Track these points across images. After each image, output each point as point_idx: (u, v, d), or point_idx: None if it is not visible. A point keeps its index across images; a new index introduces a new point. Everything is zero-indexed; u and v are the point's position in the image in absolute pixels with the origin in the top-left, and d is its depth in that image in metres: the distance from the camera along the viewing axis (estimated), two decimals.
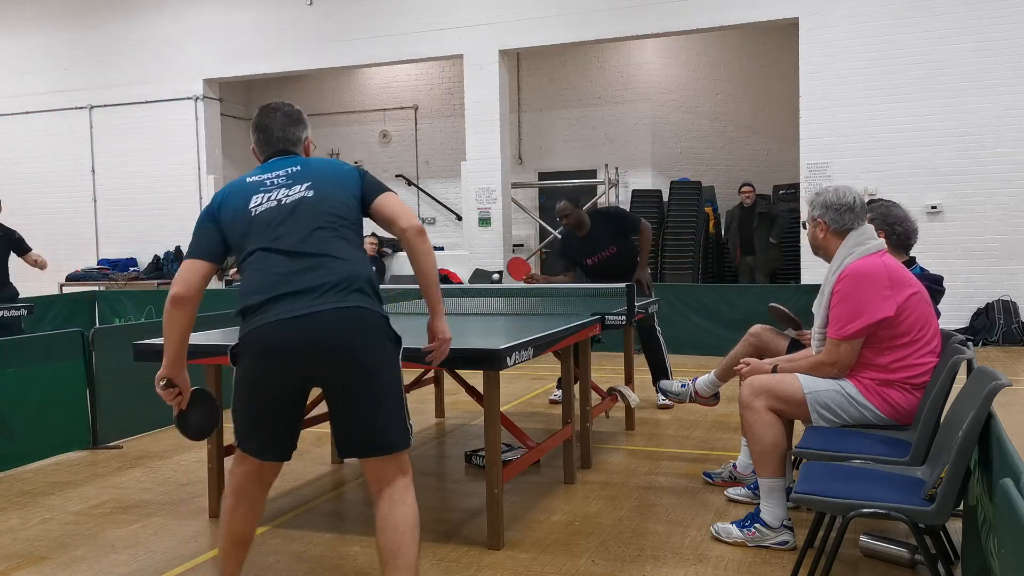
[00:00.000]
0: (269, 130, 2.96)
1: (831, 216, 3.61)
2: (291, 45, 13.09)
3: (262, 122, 2.98)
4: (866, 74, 10.39)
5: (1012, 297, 9.84)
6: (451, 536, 3.85)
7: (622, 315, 4.89)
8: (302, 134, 3.01)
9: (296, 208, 2.72)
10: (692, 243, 12.25)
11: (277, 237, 2.68)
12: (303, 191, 2.76)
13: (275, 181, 2.80)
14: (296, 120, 2.99)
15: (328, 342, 2.58)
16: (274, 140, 2.95)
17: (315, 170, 2.84)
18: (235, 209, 2.77)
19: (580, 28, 11.63)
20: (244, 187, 2.82)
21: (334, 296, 2.60)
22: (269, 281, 2.63)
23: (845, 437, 3.44)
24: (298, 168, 2.84)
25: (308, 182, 2.79)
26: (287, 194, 2.75)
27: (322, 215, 2.72)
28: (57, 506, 4.43)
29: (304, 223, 2.69)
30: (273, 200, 2.75)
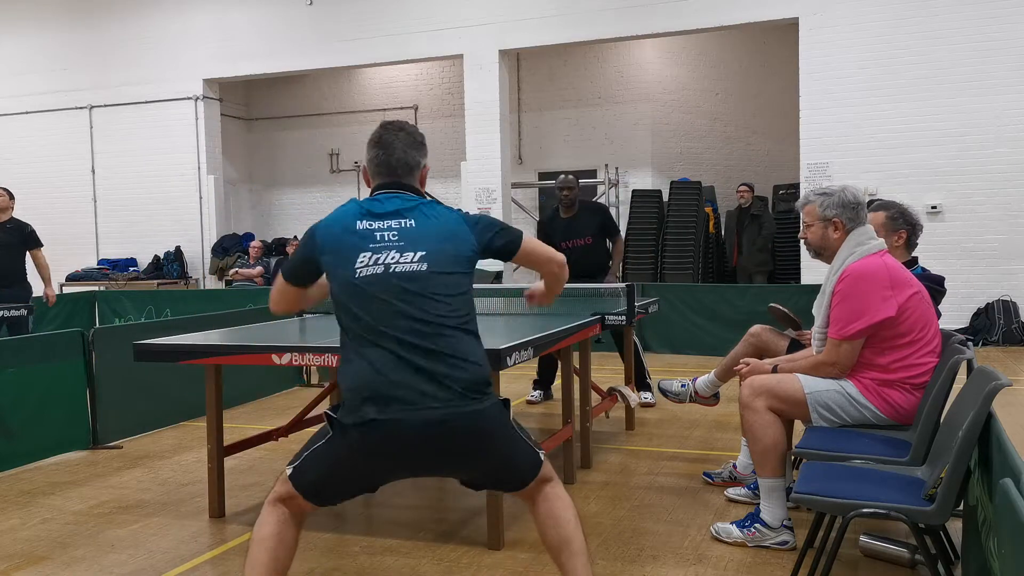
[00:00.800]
0: (391, 149, 2.76)
1: (848, 215, 3.60)
2: (291, 45, 13.09)
3: (384, 139, 2.79)
4: (866, 74, 10.39)
5: (1012, 297, 9.85)
6: (451, 536, 3.85)
7: (622, 315, 4.89)
8: (422, 160, 2.82)
9: (405, 283, 2.53)
10: (692, 243, 12.25)
11: (385, 320, 2.50)
12: (415, 263, 2.55)
13: (386, 237, 2.59)
14: (419, 144, 2.82)
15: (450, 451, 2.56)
16: (393, 162, 2.76)
17: (429, 233, 2.62)
18: (339, 260, 2.58)
19: (580, 28, 11.63)
20: (353, 234, 2.60)
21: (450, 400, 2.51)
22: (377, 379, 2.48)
23: (845, 437, 3.44)
24: (412, 224, 2.62)
25: (422, 251, 2.57)
26: (397, 260, 2.55)
27: (431, 296, 2.54)
28: (57, 506, 4.43)
29: (413, 306, 2.51)
30: (380, 265, 2.54)
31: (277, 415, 6.31)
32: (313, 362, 3.69)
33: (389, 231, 2.60)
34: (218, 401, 4.19)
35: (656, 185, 13.46)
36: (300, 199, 15.78)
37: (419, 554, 3.61)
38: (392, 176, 2.76)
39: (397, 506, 4.35)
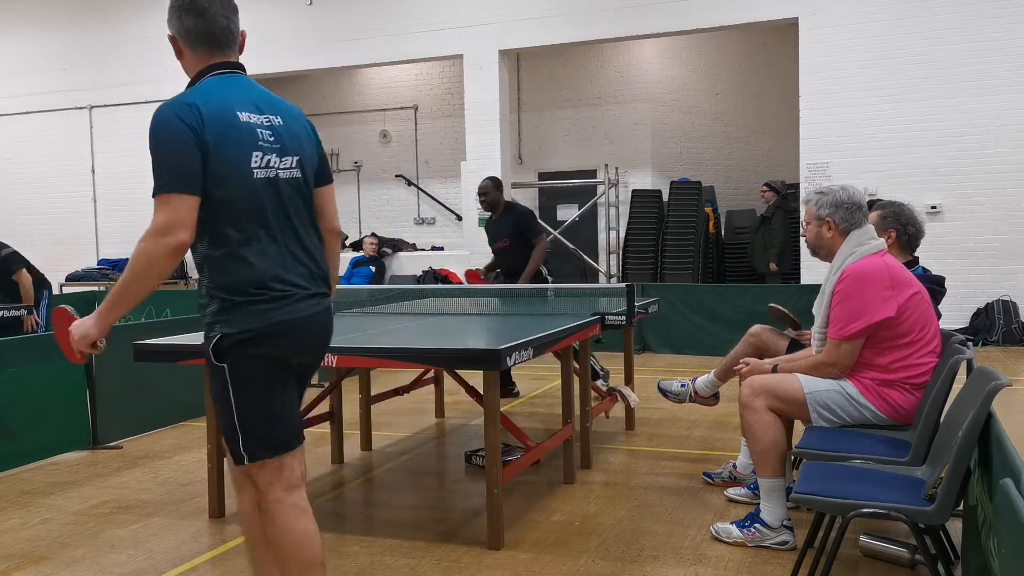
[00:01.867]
0: (207, 16, 2.50)
1: (841, 215, 3.61)
2: (291, 45, 13.09)
3: (199, 4, 2.49)
4: (866, 74, 10.39)
5: (1012, 297, 9.84)
6: (451, 536, 3.85)
7: (622, 315, 4.89)
8: (239, 27, 2.61)
9: (292, 191, 2.53)
10: (692, 243, 12.25)
11: (273, 219, 2.48)
12: (294, 169, 2.54)
13: (266, 137, 2.49)
14: (235, 8, 2.58)
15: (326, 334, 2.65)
16: (217, 33, 2.52)
17: (296, 137, 2.58)
18: (232, 156, 2.41)
19: (580, 28, 11.63)
20: (240, 128, 2.44)
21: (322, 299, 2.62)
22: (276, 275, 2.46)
23: (845, 437, 3.44)
24: (280, 121, 2.54)
25: (296, 155, 2.55)
26: (279, 166, 2.50)
27: (305, 205, 2.59)
28: (57, 506, 4.43)
29: (300, 214, 2.56)
30: (272, 170, 2.48)
31: None
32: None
33: (265, 128, 2.50)
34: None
35: (656, 185, 13.45)
36: None
37: (419, 554, 3.61)
38: (218, 48, 2.54)
39: (397, 506, 4.35)
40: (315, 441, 5.69)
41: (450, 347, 3.94)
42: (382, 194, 15.21)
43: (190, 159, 2.34)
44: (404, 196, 15.05)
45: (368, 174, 15.29)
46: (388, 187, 15.18)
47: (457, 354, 3.82)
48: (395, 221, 15.03)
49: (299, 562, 2.50)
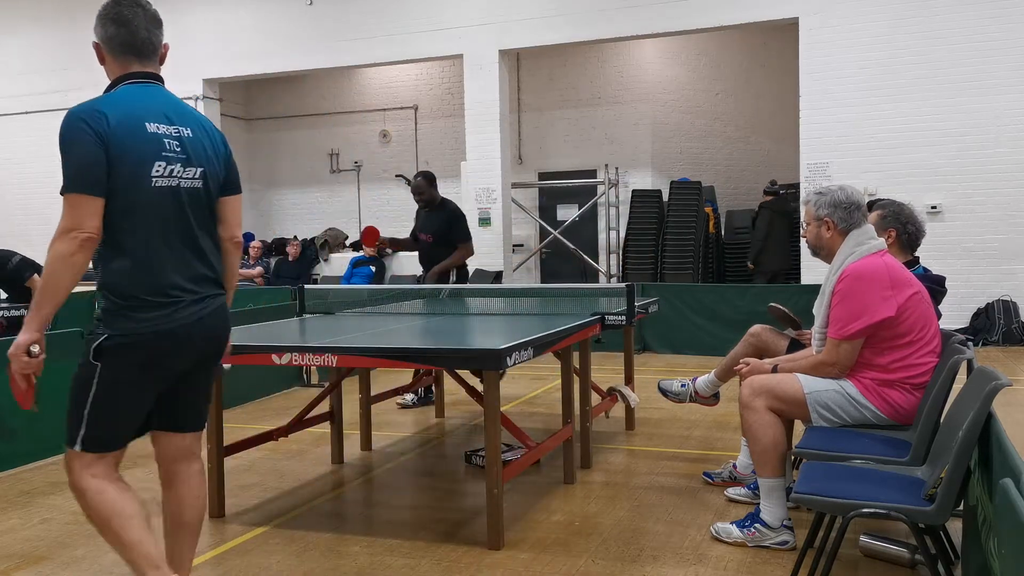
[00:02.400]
0: (133, 28, 2.62)
1: (840, 215, 3.61)
2: (291, 45, 13.09)
3: (123, 15, 2.61)
4: (866, 74, 10.39)
5: (1012, 297, 9.84)
6: (451, 536, 3.85)
7: (622, 315, 4.89)
8: (162, 39, 2.75)
9: (193, 200, 2.65)
10: (692, 243, 12.25)
11: (175, 230, 2.61)
12: (196, 180, 2.65)
13: (173, 148, 2.59)
14: (159, 22, 2.72)
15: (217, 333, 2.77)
16: (138, 44, 2.64)
17: (203, 149, 2.68)
18: (135, 165, 2.52)
19: (580, 28, 11.63)
20: (145, 138, 2.54)
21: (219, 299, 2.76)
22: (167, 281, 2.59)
23: (845, 437, 3.44)
24: (189, 133, 2.65)
25: (200, 167, 2.66)
26: (182, 174, 2.61)
27: (206, 214, 2.71)
28: (57, 506, 4.43)
29: (199, 222, 2.68)
30: (174, 179, 2.59)
31: (277, 415, 6.31)
32: (313, 362, 3.69)
33: (172, 139, 2.61)
34: (218, 401, 4.20)
35: (656, 185, 13.45)
36: (300, 199, 15.77)
37: (419, 554, 3.61)
38: (139, 58, 2.66)
39: (397, 506, 4.35)
40: (315, 441, 5.69)
41: (450, 347, 3.94)
42: (382, 194, 15.21)
43: (95, 162, 2.47)
44: (404, 196, 15.01)
45: (368, 174, 15.29)
46: (388, 187, 15.17)
47: (457, 354, 3.82)
48: (395, 221, 15.03)
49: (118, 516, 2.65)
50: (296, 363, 3.71)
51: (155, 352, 2.60)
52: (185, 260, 2.64)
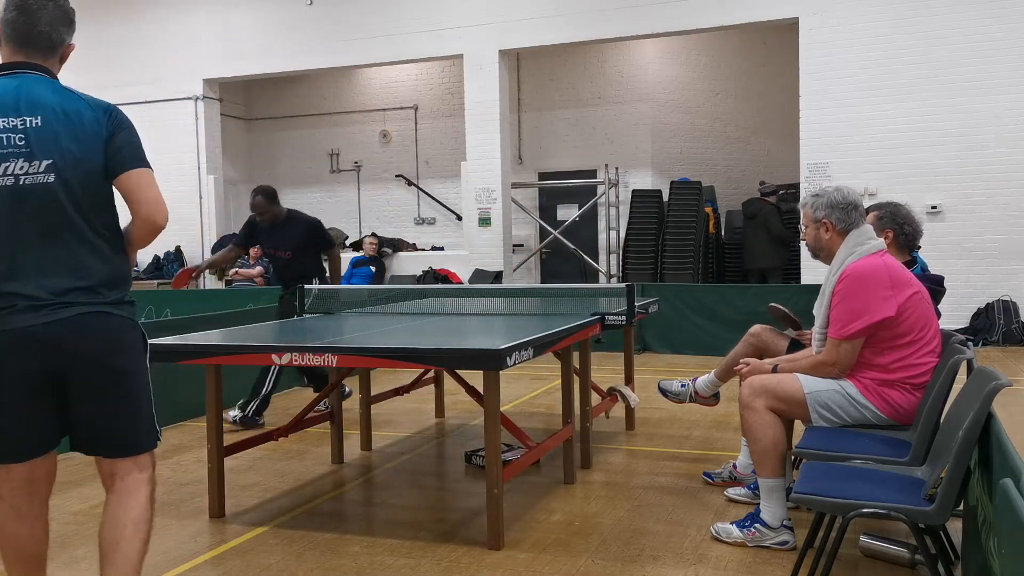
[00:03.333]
0: (32, 17, 2.49)
1: (837, 215, 3.62)
2: (291, 45, 13.09)
3: (28, 5, 2.49)
4: (866, 74, 10.39)
5: (1012, 297, 9.84)
6: (451, 536, 3.85)
7: (622, 315, 4.89)
8: (67, 38, 2.59)
9: (43, 197, 2.42)
10: (692, 243, 12.25)
11: (13, 228, 2.42)
12: (43, 174, 2.42)
13: (12, 141, 2.41)
14: (69, 20, 2.57)
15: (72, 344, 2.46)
16: (34, 35, 2.50)
17: (54, 137, 2.43)
18: None
19: (580, 28, 11.63)
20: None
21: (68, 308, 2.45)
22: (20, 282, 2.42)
23: (845, 437, 3.44)
24: (39, 122, 2.42)
25: (49, 159, 2.42)
26: (26, 170, 2.41)
27: (61, 212, 2.45)
28: (57, 506, 4.42)
29: (53, 221, 2.44)
30: (10, 176, 2.41)
31: (277, 415, 6.31)
32: (313, 362, 3.69)
33: (16, 134, 2.42)
34: (218, 401, 4.20)
35: (656, 185, 13.45)
36: (300, 199, 15.76)
37: (419, 554, 3.61)
38: (28, 49, 2.52)
39: (397, 506, 4.35)
40: (315, 441, 5.69)
41: (450, 347, 3.94)
42: (382, 194, 15.22)
43: None
44: (404, 196, 15.05)
45: (368, 174, 15.29)
46: (388, 187, 15.18)
47: (457, 354, 3.82)
48: (395, 221, 15.03)
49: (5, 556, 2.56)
50: (296, 363, 3.71)
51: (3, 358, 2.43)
52: (30, 265, 2.42)
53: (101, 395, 2.53)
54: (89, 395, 2.53)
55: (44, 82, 2.51)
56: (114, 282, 2.55)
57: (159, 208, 2.59)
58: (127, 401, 2.57)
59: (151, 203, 2.58)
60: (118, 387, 2.54)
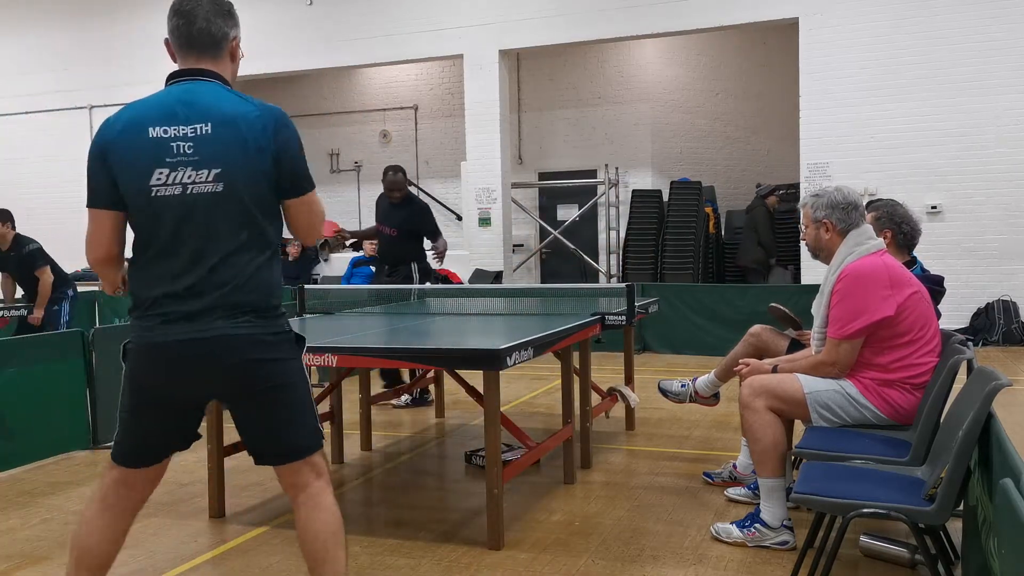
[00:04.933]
0: (189, 18, 2.48)
1: (838, 216, 3.62)
2: (291, 45, 13.09)
3: (184, 6, 2.49)
4: (866, 74, 10.39)
5: (1012, 297, 9.84)
6: (451, 536, 3.85)
7: (622, 315, 4.89)
8: (230, 31, 2.53)
9: (201, 205, 2.38)
10: (692, 243, 12.26)
11: (176, 235, 2.40)
12: (211, 182, 2.38)
13: (182, 150, 2.37)
14: (226, 12, 2.53)
15: (217, 366, 2.43)
16: (194, 33, 2.48)
17: (227, 144, 2.38)
18: (133, 172, 2.40)
19: (580, 28, 11.63)
20: (143, 146, 2.39)
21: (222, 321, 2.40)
22: (161, 286, 2.43)
23: (845, 437, 3.44)
24: (208, 130, 2.38)
25: (218, 168, 2.37)
26: (193, 178, 2.37)
27: (227, 219, 2.40)
28: (57, 506, 4.43)
29: (206, 228, 2.39)
30: (177, 185, 2.38)
31: None
32: (313, 362, 3.69)
33: (185, 143, 2.38)
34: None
35: (656, 185, 13.46)
36: None
37: (419, 554, 3.61)
38: (194, 51, 2.50)
39: (397, 506, 4.35)
40: None
41: (450, 347, 3.94)
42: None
43: (97, 175, 2.45)
44: None
45: (368, 174, 15.28)
46: None
47: (457, 354, 3.82)
48: None
49: (73, 548, 2.58)
50: None
51: (134, 365, 2.49)
52: (183, 274, 2.40)
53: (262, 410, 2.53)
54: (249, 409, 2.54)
55: (213, 88, 2.47)
56: (276, 293, 2.53)
57: (311, 237, 2.61)
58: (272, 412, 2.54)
59: (307, 234, 2.59)
60: (271, 400, 2.52)
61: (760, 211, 11.27)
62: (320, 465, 2.57)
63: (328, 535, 2.51)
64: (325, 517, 2.52)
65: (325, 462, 2.61)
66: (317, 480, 2.54)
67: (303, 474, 2.53)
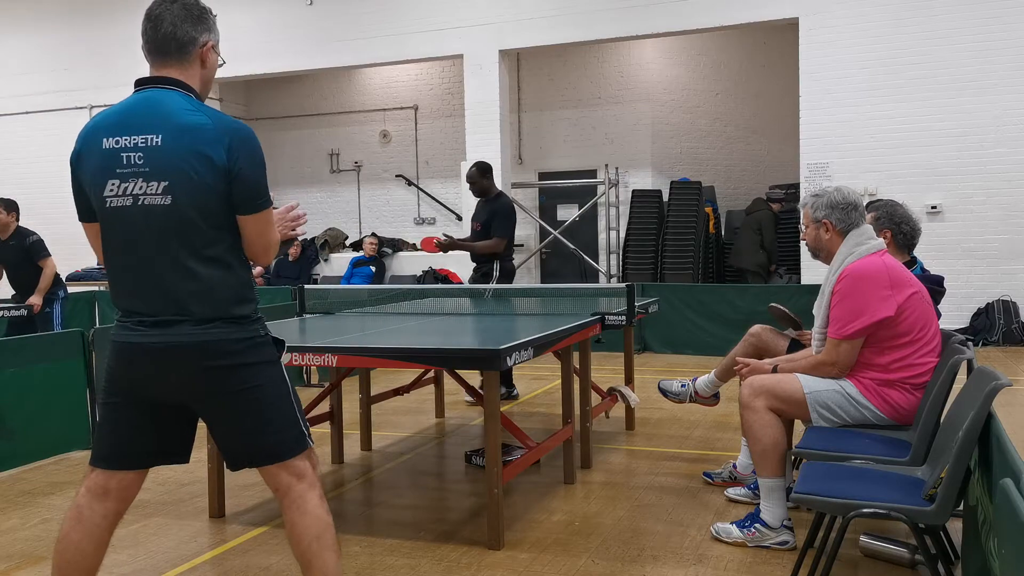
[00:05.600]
0: (156, 22, 2.46)
1: (837, 216, 3.62)
2: (291, 45, 13.09)
3: (153, 11, 2.47)
4: (866, 74, 10.39)
5: (1012, 297, 9.84)
6: (451, 536, 3.85)
7: (622, 315, 4.89)
8: (199, 36, 2.51)
9: (150, 217, 2.38)
10: (692, 243, 12.26)
11: (129, 245, 2.43)
12: (160, 195, 2.36)
13: (132, 161, 2.37)
14: (196, 17, 2.51)
15: (185, 370, 2.43)
16: (159, 38, 2.46)
17: (176, 156, 2.35)
18: (92, 183, 2.45)
19: (580, 28, 11.63)
20: (101, 153, 2.41)
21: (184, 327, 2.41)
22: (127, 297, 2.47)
23: (845, 437, 3.44)
24: (159, 142, 2.35)
25: (166, 180, 2.35)
26: (144, 190, 2.37)
27: (176, 231, 2.38)
28: (57, 506, 4.43)
29: (158, 239, 2.39)
30: (128, 196, 2.39)
31: None
32: (313, 362, 3.69)
33: (136, 154, 2.37)
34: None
35: (656, 185, 13.45)
36: (300, 199, 15.76)
37: (419, 554, 3.61)
38: (160, 56, 2.48)
39: (397, 506, 4.35)
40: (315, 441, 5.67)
41: (450, 347, 3.94)
42: (382, 194, 15.21)
43: (73, 187, 2.55)
44: (404, 196, 15.05)
45: (368, 174, 15.28)
46: (388, 187, 15.18)
47: (457, 354, 3.82)
48: (395, 221, 15.03)
49: (55, 564, 2.53)
50: (296, 363, 3.71)
51: (113, 367, 2.50)
52: (148, 282, 2.42)
53: (228, 415, 2.52)
54: (217, 414, 2.53)
55: (171, 97, 2.44)
56: (242, 300, 2.49)
57: (266, 255, 2.54)
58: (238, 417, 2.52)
59: (263, 252, 2.53)
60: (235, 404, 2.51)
61: (765, 214, 11.24)
62: (300, 468, 2.54)
63: (311, 539, 2.49)
64: (307, 521, 2.50)
65: (310, 464, 2.58)
66: (299, 483, 2.52)
67: (281, 478, 2.52)
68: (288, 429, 2.54)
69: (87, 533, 2.52)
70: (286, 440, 2.53)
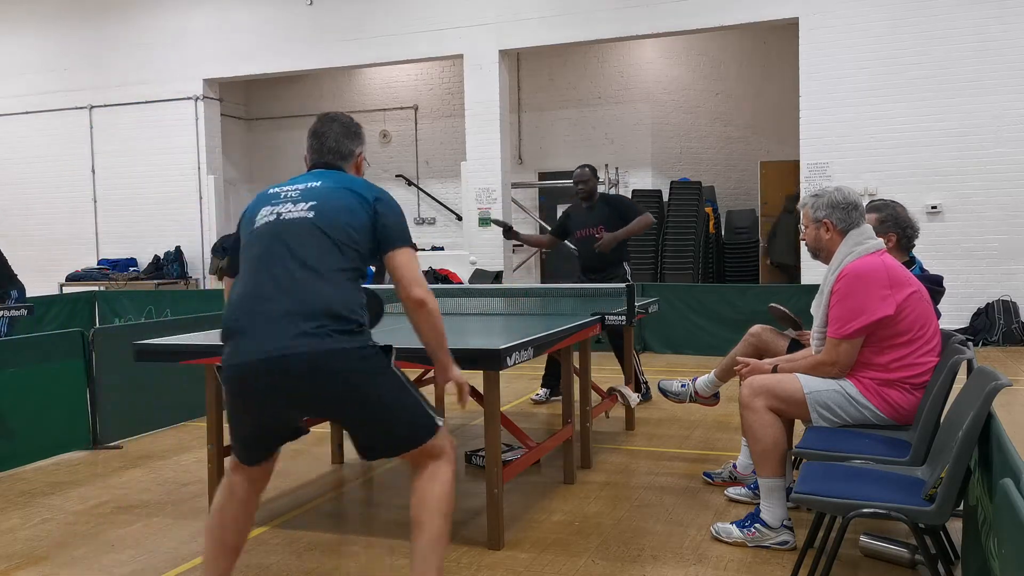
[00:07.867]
0: (323, 139, 2.96)
1: (838, 216, 3.62)
2: (291, 45, 13.09)
3: (319, 129, 2.98)
4: (866, 74, 10.39)
5: (1012, 297, 9.84)
6: (451, 536, 3.84)
7: (622, 315, 4.89)
8: (355, 148, 3.01)
9: (297, 227, 2.68)
10: (692, 243, 12.26)
11: (263, 255, 2.68)
12: (305, 211, 2.70)
13: (289, 194, 2.77)
14: (352, 134, 3.00)
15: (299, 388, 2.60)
16: (324, 150, 2.96)
17: (331, 190, 2.75)
18: (248, 220, 2.83)
19: (580, 28, 11.63)
20: (264, 197, 2.85)
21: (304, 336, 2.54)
22: (247, 305, 2.65)
23: (845, 437, 3.44)
24: (318, 185, 2.78)
25: (315, 201, 2.72)
26: (289, 211, 2.72)
27: (314, 237, 2.66)
28: (57, 506, 4.43)
29: (303, 249, 2.64)
30: (274, 214, 2.74)
31: None
32: None
33: (295, 190, 2.79)
34: (218, 401, 4.19)
35: (656, 185, 13.46)
36: None
37: None
38: (319, 158, 2.97)
39: (397, 506, 4.35)
40: (315, 441, 5.69)
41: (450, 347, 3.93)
42: None
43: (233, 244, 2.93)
44: (404, 196, 15.05)
45: (368, 174, 15.09)
46: (388, 187, 15.15)
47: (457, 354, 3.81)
48: None
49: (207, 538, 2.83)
50: None
51: (227, 382, 2.71)
52: (267, 283, 2.62)
53: (355, 417, 2.73)
54: (344, 416, 2.77)
55: (328, 173, 2.88)
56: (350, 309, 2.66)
57: (412, 287, 2.73)
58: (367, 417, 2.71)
59: (412, 284, 2.74)
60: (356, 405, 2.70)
61: None
62: (436, 447, 2.74)
63: (433, 501, 2.70)
64: (436, 489, 2.71)
65: (445, 442, 2.77)
66: (435, 461, 2.74)
67: (419, 459, 2.75)
68: (416, 419, 2.73)
69: (239, 505, 2.82)
70: (417, 431, 2.72)
